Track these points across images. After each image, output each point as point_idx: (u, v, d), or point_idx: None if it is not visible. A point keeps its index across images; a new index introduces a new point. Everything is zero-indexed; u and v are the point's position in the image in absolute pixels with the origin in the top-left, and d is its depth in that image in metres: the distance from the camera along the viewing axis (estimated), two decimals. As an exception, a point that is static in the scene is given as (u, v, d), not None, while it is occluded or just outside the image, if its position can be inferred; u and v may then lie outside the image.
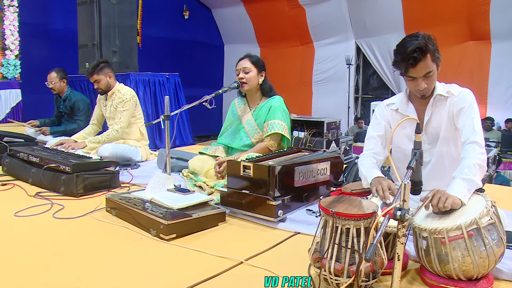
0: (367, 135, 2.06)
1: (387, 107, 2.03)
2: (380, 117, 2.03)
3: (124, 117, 3.61)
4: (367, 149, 2.02)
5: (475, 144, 1.70)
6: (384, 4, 8.81)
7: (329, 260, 1.36)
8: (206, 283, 1.51)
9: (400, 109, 1.96)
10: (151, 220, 1.97)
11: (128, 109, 3.62)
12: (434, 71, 1.78)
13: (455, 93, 1.85)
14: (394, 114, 1.99)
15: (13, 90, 6.69)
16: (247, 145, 2.90)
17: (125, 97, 3.63)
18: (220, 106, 10.44)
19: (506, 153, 7.50)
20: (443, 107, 1.88)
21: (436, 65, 1.78)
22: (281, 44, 10.80)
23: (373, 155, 1.98)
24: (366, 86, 10.77)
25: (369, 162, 1.95)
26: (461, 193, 1.54)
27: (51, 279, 1.55)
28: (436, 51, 1.76)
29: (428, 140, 1.94)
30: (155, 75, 5.30)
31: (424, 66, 1.73)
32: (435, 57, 1.76)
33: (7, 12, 6.73)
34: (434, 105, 1.89)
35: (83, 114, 4.47)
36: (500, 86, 8.28)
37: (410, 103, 1.95)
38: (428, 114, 1.90)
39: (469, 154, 1.68)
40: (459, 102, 1.82)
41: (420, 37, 1.73)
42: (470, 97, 1.82)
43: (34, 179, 2.88)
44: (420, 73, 1.75)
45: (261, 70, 2.85)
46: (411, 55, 1.70)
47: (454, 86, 1.89)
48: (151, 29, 9.73)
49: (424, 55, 1.71)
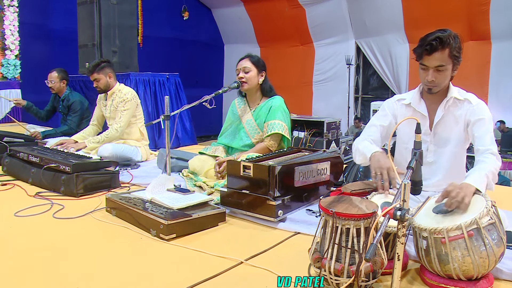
0: (369, 123, 2.07)
1: (397, 102, 2.02)
2: (388, 110, 2.03)
3: (125, 117, 3.61)
4: (366, 135, 2.02)
5: (495, 156, 1.76)
6: (384, 4, 8.81)
7: (329, 260, 1.36)
8: (206, 283, 1.51)
9: (413, 103, 1.96)
10: (151, 220, 1.97)
11: (128, 109, 3.62)
12: (447, 68, 1.77)
13: (473, 102, 1.87)
14: (404, 109, 1.99)
15: (13, 90, 6.69)
16: (247, 145, 2.90)
17: (126, 97, 3.63)
18: (220, 106, 10.44)
19: (506, 153, 7.50)
20: (457, 111, 1.88)
21: (452, 63, 1.78)
22: (281, 44, 10.81)
23: (371, 141, 1.98)
24: (366, 86, 10.78)
25: (366, 142, 1.96)
26: (482, 185, 1.56)
27: (51, 279, 1.55)
28: (457, 49, 1.76)
29: (435, 141, 1.94)
30: (155, 75, 5.30)
31: (438, 57, 1.74)
32: (453, 54, 1.75)
33: (7, 12, 6.73)
34: (447, 107, 1.89)
35: (76, 116, 4.43)
36: (500, 86, 8.29)
37: (422, 100, 1.95)
38: (439, 115, 1.89)
39: (490, 161, 1.72)
40: (478, 113, 1.84)
41: (448, 31, 1.74)
42: (488, 110, 1.87)
43: (34, 179, 2.88)
44: (433, 63, 1.75)
45: (261, 70, 2.85)
46: (430, 42, 1.72)
47: (472, 95, 1.91)
48: (151, 29, 9.74)
49: (442, 46, 1.72)
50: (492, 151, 1.76)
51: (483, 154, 1.77)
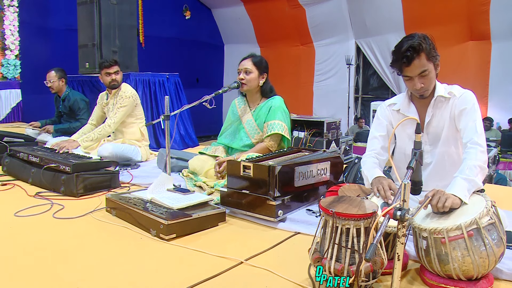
0: (369, 135, 2.06)
1: (388, 107, 2.02)
2: (382, 118, 2.03)
3: (120, 113, 3.60)
4: (370, 149, 2.02)
5: (477, 146, 1.70)
6: (384, 4, 8.81)
7: (329, 260, 1.36)
8: (206, 283, 1.51)
9: (402, 110, 1.96)
10: (151, 220, 1.97)
11: (125, 105, 3.61)
12: (430, 70, 1.77)
13: (457, 94, 1.84)
14: (395, 115, 1.99)
15: (13, 90, 6.70)
16: (247, 145, 2.90)
17: (125, 94, 3.65)
18: (220, 106, 10.44)
19: (506, 153, 7.50)
20: (445, 108, 1.87)
21: (433, 64, 1.78)
22: (281, 44, 10.80)
23: (376, 155, 1.98)
24: (366, 86, 10.77)
25: (371, 162, 1.95)
26: (462, 193, 1.54)
27: (51, 279, 1.55)
28: (432, 50, 1.75)
29: (429, 141, 1.94)
30: (155, 75, 5.30)
31: (418, 64, 1.73)
32: (430, 56, 1.75)
33: (7, 12, 6.73)
34: (435, 106, 1.89)
35: (85, 113, 4.46)
36: (501, 86, 8.28)
37: (412, 104, 1.95)
38: (429, 115, 1.89)
39: (471, 155, 1.68)
40: (461, 103, 1.82)
41: (416, 37, 1.73)
42: (472, 99, 1.82)
43: (34, 179, 2.88)
44: (415, 72, 1.75)
45: (263, 72, 2.84)
46: (404, 54, 1.72)
47: (456, 87, 1.88)
48: (151, 29, 9.73)
49: (417, 54, 1.71)
50: (472, 141, 1.71)
51: (465, 148, 1.75)
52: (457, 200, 1.51)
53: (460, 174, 1.63)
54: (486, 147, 1.75)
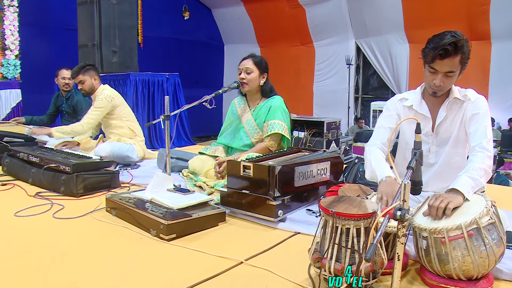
0: (377, 124, 2.02)
1: (399, 101, 1.99)
2: (392, 110, 1.99)
3: (94, 115, 3.59)
4: (376, 139, 1.96)
5: (485, 150, 1.70)
6: (384, 4, 8.81)
7: (329, 260, 1.36)
8: (206, 283, 1.51)
9: (415, 106, 1.93)
10: (151, 220, 1.97)
11: (100, 107, 3.58)
12: (456, 74, 1.75)
13: (472, 98, 1.84)
14: (406, 110, 1.96)
15: (13, 90, 6.69)
16: (247, 145, 2.90)
17: (99, 96, 3.61)
18: (220, 106, 10.44)
19: (506, 153, 7.50)
20: (458, 111, 1.87)
21: (461, 68, 1.76)
22: (281, 44, 10.80)
23: (382, 147, 1.92)
24: (366, 86, 10.77)
25: (378, 155, 1.88)
26: (465, 189, 1.54)
27: (51, 279, 1.55)
28: (468, 54, 1.74)
29: (437, 142, 1.93)
30: (155, 75, 5.30)
31: (451, 63, 1.71)
32: (463, 61, 1.74)
33: (7, 12, 6.73)
34: (449, 108, 1.87)
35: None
36: (501, 86, 8.28)
37: (424, 102, 1.93)
38: (441, 115, 1.88)
39: (478, 158, 1.68)
40: (474, 108, 1.82)
41: (460, 35, 1.70)
42: (485, 105, 1.82)
43: (34, 179, 2.88)
44: (444, 68, 1.73)
45: (263, 71, 2.84)
46: (444, 46, 1.68)
47: (471, 91, 1.88)
48: (151, 29, 9.73)
49: (456, 52, 1.69)
50: (481, 145, 1.72)
51: (472, 151, 1.75)
52: (460, 199, 1.51)
53: (465, 172, 1.63)
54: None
